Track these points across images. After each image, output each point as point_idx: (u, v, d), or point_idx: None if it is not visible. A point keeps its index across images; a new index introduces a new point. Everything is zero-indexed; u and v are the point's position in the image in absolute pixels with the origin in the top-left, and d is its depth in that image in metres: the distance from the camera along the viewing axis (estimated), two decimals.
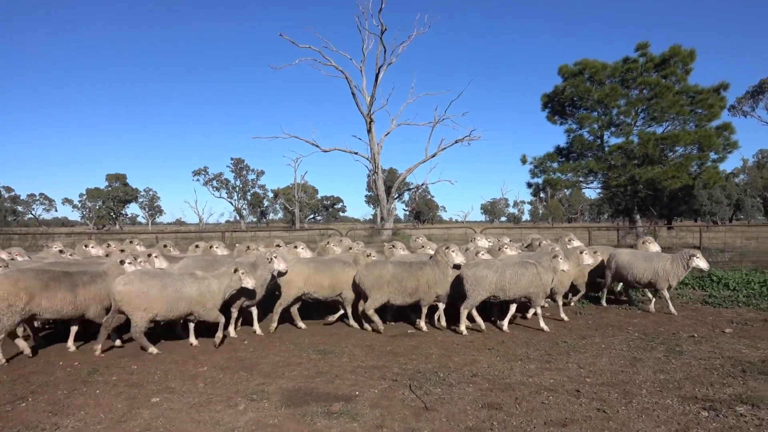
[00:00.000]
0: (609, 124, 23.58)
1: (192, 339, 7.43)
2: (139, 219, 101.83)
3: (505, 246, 9.64)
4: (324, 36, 59.77)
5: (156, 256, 8.23)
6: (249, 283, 7.32)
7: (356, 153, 36.86)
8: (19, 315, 6.35)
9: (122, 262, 7.35)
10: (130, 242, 10.22)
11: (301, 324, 8.53)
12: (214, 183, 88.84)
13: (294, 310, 8.56)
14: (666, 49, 23.02)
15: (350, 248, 9.91)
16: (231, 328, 7.97)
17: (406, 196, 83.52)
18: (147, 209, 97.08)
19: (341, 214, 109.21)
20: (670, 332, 8.02)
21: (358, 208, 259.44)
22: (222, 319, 7.32)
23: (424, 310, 8.33)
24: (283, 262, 7.82)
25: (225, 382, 5.75)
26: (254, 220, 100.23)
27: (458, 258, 8.05)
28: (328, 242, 10.30)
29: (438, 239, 25.82)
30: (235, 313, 8.04)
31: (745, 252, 16.78)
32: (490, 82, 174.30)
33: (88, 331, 7.72)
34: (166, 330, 8.07)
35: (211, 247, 10.17)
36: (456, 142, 36.43)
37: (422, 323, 8.33)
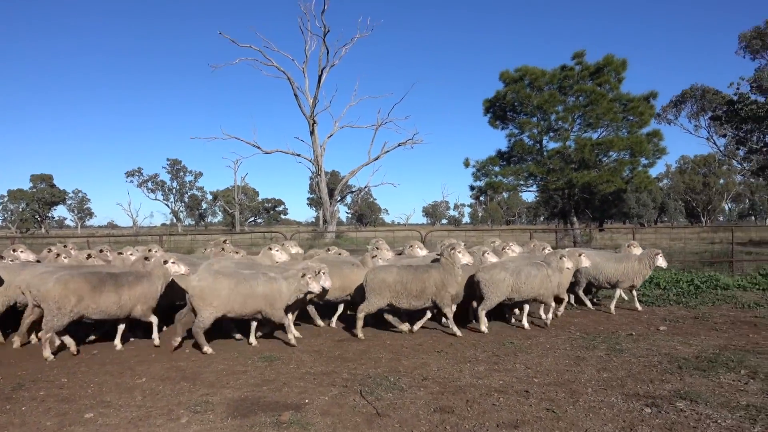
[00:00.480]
0: (548, 129, 24.46)
1: (252, 339, 7.57)
2: (68, 222, 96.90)
3: (508, 248, 9.71)
4: (265, 36, 59.00)
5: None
6: (315, 287, 7.38)
7: (299, 155, 36.50)
8: (68, 317, 6.66)
9: (165, 262, 7.44)
10: (64, 246, 9.66)
11: (320, 322, 8.69)
12: (149, 185, 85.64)
13: (312, 309, 8.66)
14: (600, 58, 24.08)
15: (295, 252, 9.69)
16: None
17: (348, 199, 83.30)
18: (76, 212, 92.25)
19: (283, 216, 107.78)
20: (609, 331, 8.29)
21: (300, 211, 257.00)
22: (286, 321, 7.40)
23: (448, 313, 8.03)
24: (329, 279, 7.67)
25: (165, 394, 5.44)
26: (192, 222, 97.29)
27: (465, 258, 8.00)
28: (270, 247, 9.97)
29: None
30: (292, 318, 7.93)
31: (672, 252, 17.68)
32: (433, 86, 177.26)
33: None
34: (101, 338, 7.61)
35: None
36: (399, 145, 36.70)
37: (453, 327, 8.06)
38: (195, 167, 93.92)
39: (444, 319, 8.26)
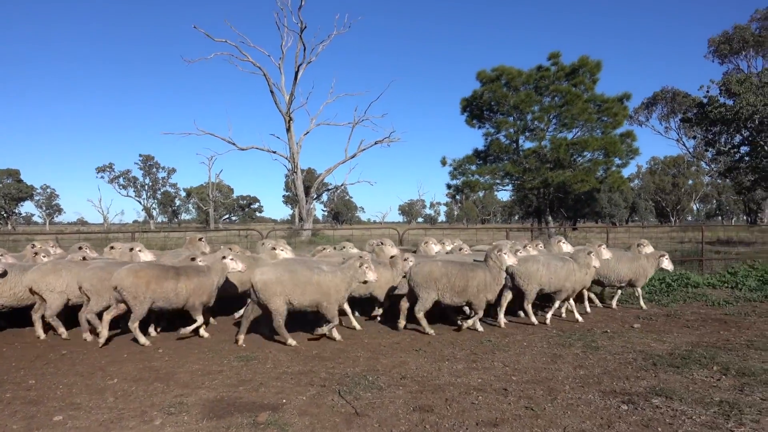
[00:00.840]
0: (524, 128, 24.71)
1: (324, 330, 7.58)
2: (35, 218, 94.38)
3: (529, 245, 9.78)
4: (241, 31, 58.19)
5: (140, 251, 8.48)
6: (371, 276, 7.49)
7: (274, 152, 36.16)
8: (146, 304, 7.14)
9: (224, 258, 7.75)
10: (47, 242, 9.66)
11: (356, 324, 8.47)
12: (121, 180, 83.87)
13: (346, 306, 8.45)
14: (575, 59, 24.41)
15: (273, 249, 9.54)
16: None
17: (324, 197, 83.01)
18: (44, 208, 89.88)
19: (258, 214, 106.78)
20: (585, 328, 8.38)
21: (275, 209, 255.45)
22: (336, 319, 7.55)
23: (479, 313, 8.12)
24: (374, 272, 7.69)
25: (138, 395, 5.29)
26: (165, 220, 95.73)
27: (510, 260, 8.04)
28: (273, 246, 9.73)
29: (358, 240, 25.77)
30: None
31: None
32: (410, 84, 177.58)
33: None
34: (70, 340, 7.40)
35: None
36: (376, 143, 36.61)
37: (474, 323, 8.16)
38: (168, 163, 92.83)
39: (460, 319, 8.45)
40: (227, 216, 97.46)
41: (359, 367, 6.29)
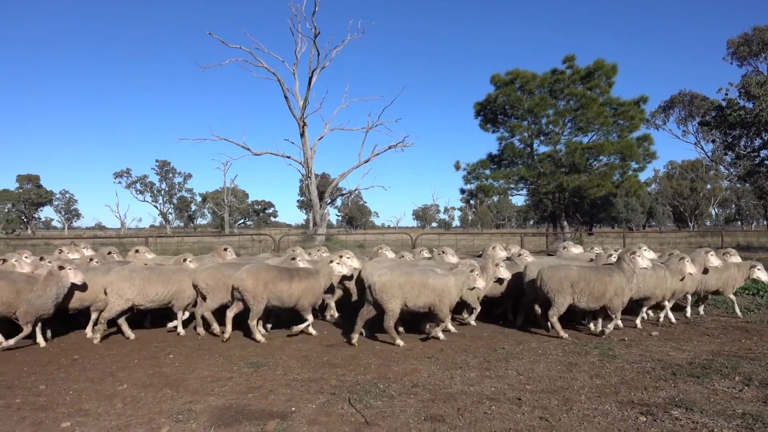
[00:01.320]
0: (538, 132, 24.48)
1: (438, 333, 7.89)
2: (54, 223, 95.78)
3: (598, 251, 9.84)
4: (255, 37, 58.75)
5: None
6: (481, 283, 7.80)
7: (289, 157, 36.23)
8: (263, 303, 7.66)
9: (332, 262, 8.25)
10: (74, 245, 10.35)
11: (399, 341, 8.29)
12: (138, 186, 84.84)
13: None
14: (591, 62, 24.16)
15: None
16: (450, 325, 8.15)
17: (338, 202, 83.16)
18: (63, 213, 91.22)
19: (273, 219, 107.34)
20: (601, 336, 8.19)
21: (290, 214, 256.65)
22: (449, 320, 7.88)
23: (616, 319, 8.14)
24: (507, 271, 8.33)
25: (147, 402, 5.25)
26: (181, 224, 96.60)
27: (644, 262, 7.92)
28: (293, 257, 9.69)
29: (372, 244, 25.69)
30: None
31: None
32: (424, 88, 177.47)
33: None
34: (78, 343, 7.40)
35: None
36: (389, 148, 36.47)
37: (609, 326, 8.18)
38: (184, 169, 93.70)
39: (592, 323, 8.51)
40: (242, 221, 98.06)
41: (370, 374, 6.20)
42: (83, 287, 7.73)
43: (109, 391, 5.60)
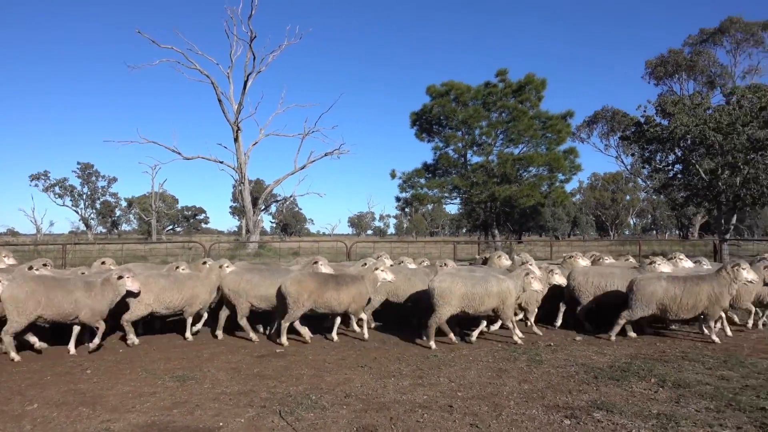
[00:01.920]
0: (472, 143, 25.12)
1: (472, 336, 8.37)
2: None
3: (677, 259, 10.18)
4: (189, 38, 56.98)
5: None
6: (537, 286, 8.15)
7: (221, 162, 35.32)
8: (303, 309, 8.00)
9: (376, 269, 8.49)
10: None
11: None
12: (57, 189, 79.79)
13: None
14: (522, 76, 25.08)
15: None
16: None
17: (273, 208, 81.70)
18: None
19: (204, 225, 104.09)
20: (529, 342, 8.45)
21: (222, 220, 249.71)
22: (513, 322, 8.18)
23: (714, 325, 8.36)
24: (562, 278, 8.89)
25: (60, 422, 4.90)
26: (104, 231, 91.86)
27: (750, 275, 7.97)
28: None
29: (306, 252, 25.44)
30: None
31: None
32: (361, 97, 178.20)
33: None
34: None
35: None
36: (325, 154, 36.31)
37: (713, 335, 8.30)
38: (109, 172, 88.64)
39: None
40: (171, 227, 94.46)
41: (302, 385, 6.09)
42: (136, 295, 7.91)
43: (17, 411, 5.19)
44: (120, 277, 7.60)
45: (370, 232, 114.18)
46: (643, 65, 51.10)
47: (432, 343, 7.89)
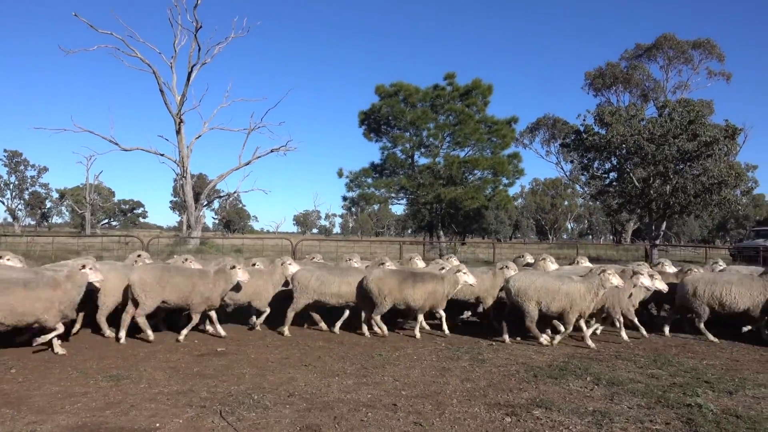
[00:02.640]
0: (419, 144, 25.38)
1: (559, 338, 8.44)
2: None
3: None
4: (129, 24, 54.64)
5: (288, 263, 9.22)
6: (617, 281, 7.95)
7: (162, 155, 34.00)
8: (387, 305, 8.49)
9: (458, 271, 8.68)
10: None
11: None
12: None
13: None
14: (469, 81, 25.57)
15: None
16: None
17: (216, 204, 79.73)
18: None
19: (142, 220, 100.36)
20: (472, 341, 8.60)
21: (161, 215, 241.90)
22: (571, 326, 8.15)
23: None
24: (662, 283, 8.51)
25: None
26: (32, 223, 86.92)
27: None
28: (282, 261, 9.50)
29: (250, 249, 24.96)
30: None
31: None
32: (309, 94, 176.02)
33: None
34: None
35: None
36: (272, 151, 35.59)
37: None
38: (39, 161, 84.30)
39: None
40: (106, 221, 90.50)
41: (244, 384, 5.95)
42: (242, 286, 8.51)
43: None
44: (233, 267, 8.20)
45: (315, 230, 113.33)
46: (582, 76, 53.17)
47: (544, 339, 8.28)
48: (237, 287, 8.48)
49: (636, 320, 8.88)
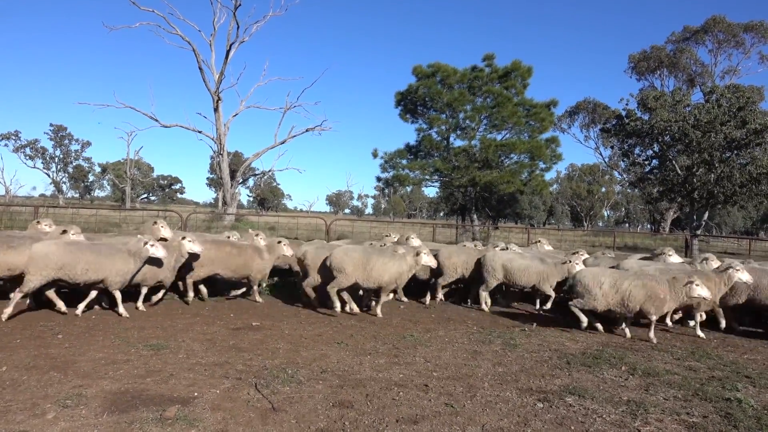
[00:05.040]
0: (455, 127, 25.03)
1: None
2: None
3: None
4: (170, 1, 55.30)
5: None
6: (747, 277, 8.03)
7: (200, 132, 34.50)
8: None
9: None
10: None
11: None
12: (28, 150, 77.56)
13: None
14: (509, 62, 25.01)
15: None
16: None
17: (251, 182, 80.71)
18: None
19: (179, 195, 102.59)
20: (504, 326, 8.56)
21: (198, 191, 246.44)
22: (655, 318, 7.97)
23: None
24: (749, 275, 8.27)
25: (30, 386, 4.80)
26: (76, 195, 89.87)
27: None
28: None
29: (284, 228, 25.26)
30: None
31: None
32: (345, 74, 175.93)
33: None
34: None
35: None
36: (307, 130, 35.71)
37: None
38: (82, 136, 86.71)
39: None
40: (145, 195, 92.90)
41: (278, 359, 6.07)
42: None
43: None
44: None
45: (347, 211, 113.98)
46: (625, 60, 51.49)
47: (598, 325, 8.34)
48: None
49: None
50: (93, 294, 7.64)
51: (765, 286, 8.44)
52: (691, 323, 8.63)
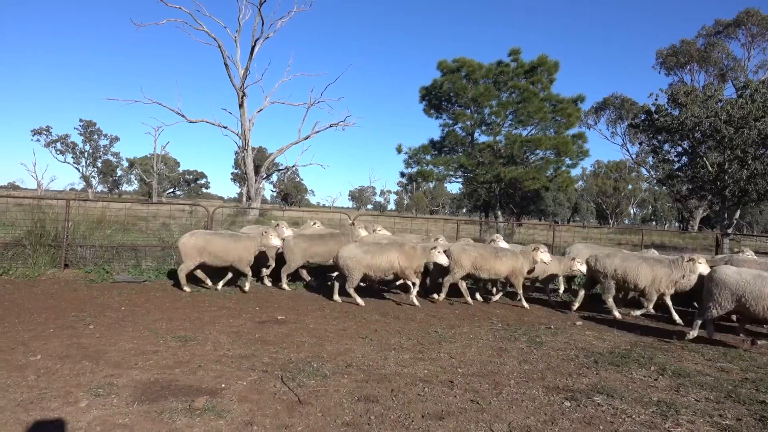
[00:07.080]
0: (480, 122, 24.85)
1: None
2: None
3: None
4: None
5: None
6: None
7: (225, 127, 34.80)
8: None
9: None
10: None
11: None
12: (58, 145, 79.45)
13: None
14: (535, 57, 24.69)
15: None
16: None
17: (274, 177, 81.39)
18: None
19: (204, 190, 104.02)
20: (530, 323, 8.48)
21: (223, 186, 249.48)
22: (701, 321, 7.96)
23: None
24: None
25: (63, 374, 4.92)
26: (104, 189, 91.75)
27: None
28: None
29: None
30: None
31: None
32: (369, 69, 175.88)
33: None
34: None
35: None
36: (330, 126, 35.73)
37: None
38: (111, 131, 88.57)
39: None
40: (171, 190, 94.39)
41: (304, 353, 6.10)
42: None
43: (20, 361, 5.20)
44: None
45: (370, 206, 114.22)
46: (653, 55, 50.35)
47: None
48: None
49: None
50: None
51: None
52: None
